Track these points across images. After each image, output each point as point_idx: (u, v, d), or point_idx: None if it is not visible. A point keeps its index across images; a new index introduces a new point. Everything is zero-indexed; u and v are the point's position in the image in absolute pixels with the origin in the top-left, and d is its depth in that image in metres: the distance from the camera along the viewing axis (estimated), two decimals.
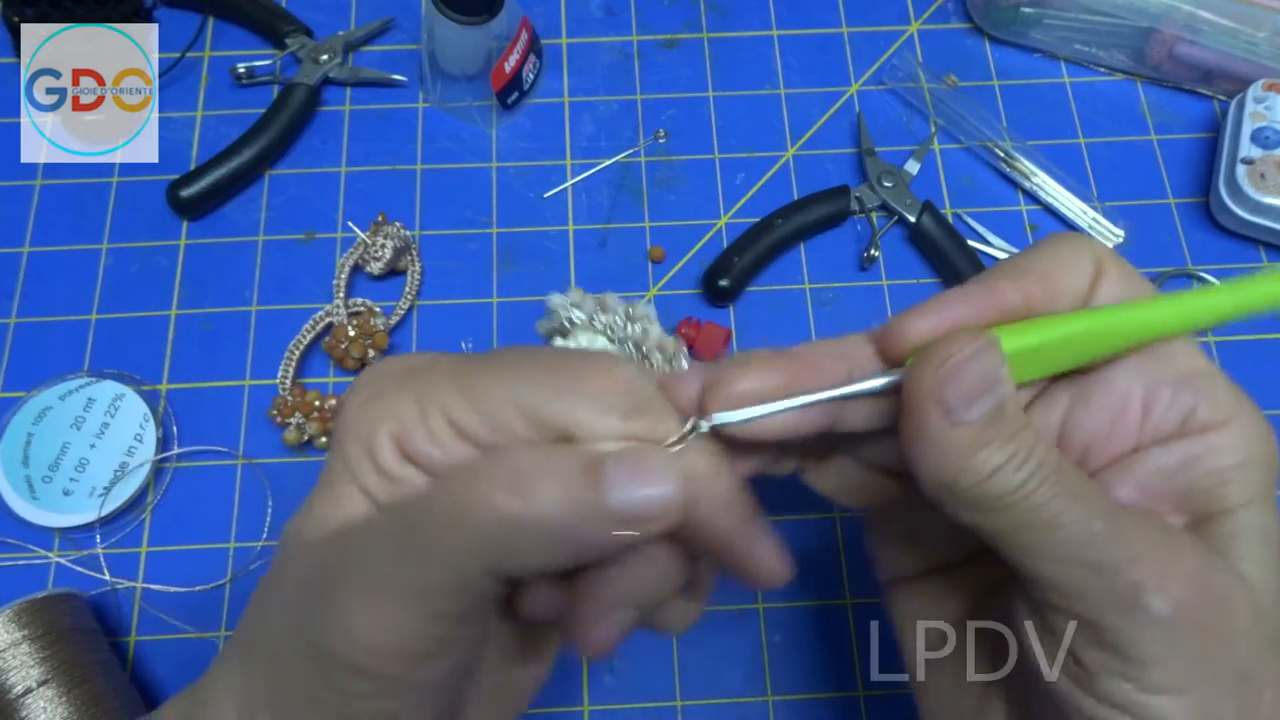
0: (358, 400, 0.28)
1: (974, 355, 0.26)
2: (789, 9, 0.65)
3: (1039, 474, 0.26)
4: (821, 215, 0.57)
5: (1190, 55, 0.60)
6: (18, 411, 0.51)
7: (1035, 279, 0.28)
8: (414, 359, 0.28)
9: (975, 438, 0.25)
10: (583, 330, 0.46)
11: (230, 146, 0.58)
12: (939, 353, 0.26)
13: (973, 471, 0.26)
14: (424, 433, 0.26)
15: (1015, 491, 0.25)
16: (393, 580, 0.25)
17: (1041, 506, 0.25)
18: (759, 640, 0.49)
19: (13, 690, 0.42)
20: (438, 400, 0.26)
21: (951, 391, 0.25)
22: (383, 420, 0.27)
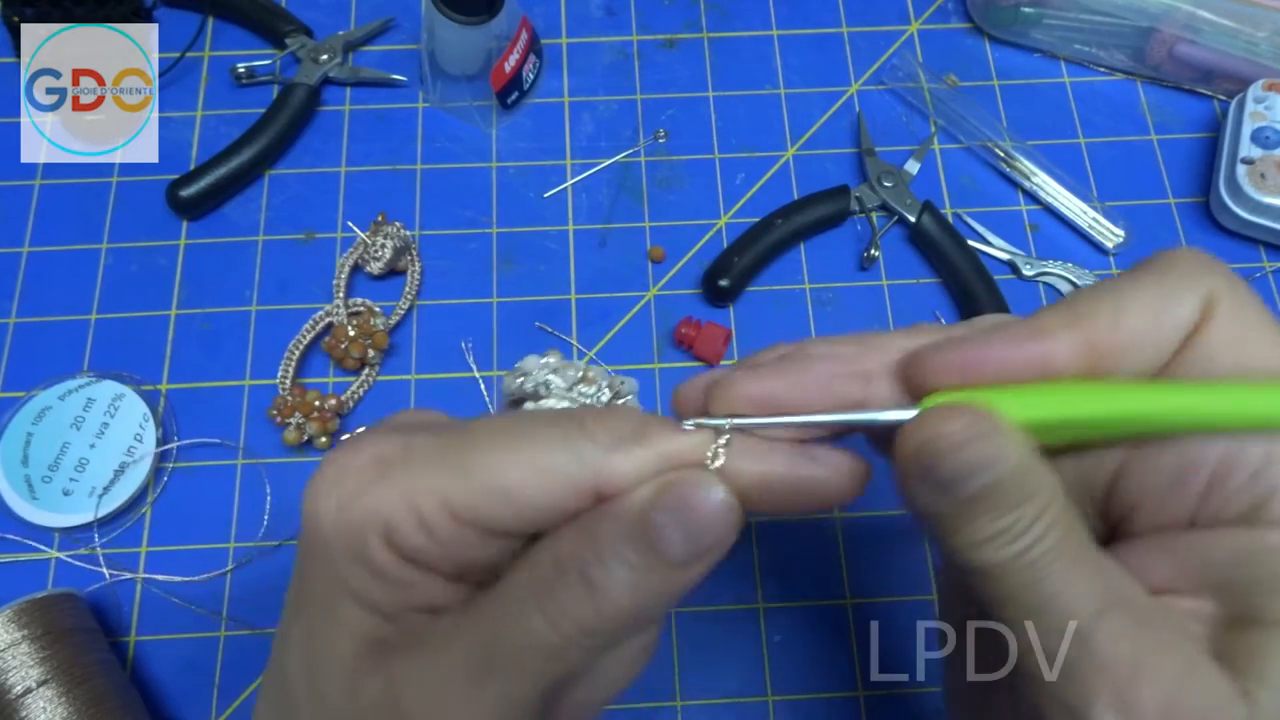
0: (329, 506, 0.24)
1: (964, 441, 0.23)
2: (789, 9, 0.65)
3: (1034, 551, 0.23)
4: (821, 215, 0.57)
5: (1190, 55, 0.60)
6: (18, 411, 0.51)
7: (1105, 326, 0.24)
8: (381, 444, 0.25)
9: (964, 510, 0.24)
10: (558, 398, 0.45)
11: (230, 146, 0.58)
12: (926, 429, 0.24)
13: (959, 536, 0.24)
14: (416, 526, 0.24)
15: (1003, 565, 0.24)
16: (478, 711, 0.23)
17: (1028, 587, 0.24)
18: (759, 640, 0.49)
19: (12, 690, 0.42)
20: (429, 487, 0.24)
21: (935, 474, 0.23)
22: (369, 522, 0.24)
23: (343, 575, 0.24)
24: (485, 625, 0.24)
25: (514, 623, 0.23)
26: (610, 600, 0.23)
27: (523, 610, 0.23)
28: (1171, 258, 0.26)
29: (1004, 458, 0.23)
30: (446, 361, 0.54)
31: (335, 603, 0.25)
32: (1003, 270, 0.57)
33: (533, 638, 0.23)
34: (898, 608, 0.49)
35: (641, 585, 0.23)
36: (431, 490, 0.24)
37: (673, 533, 0.23)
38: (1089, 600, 0.23)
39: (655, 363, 0.55)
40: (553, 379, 0.42)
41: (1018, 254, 0.57)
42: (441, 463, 0.24)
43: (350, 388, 0.53)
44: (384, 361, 0.54)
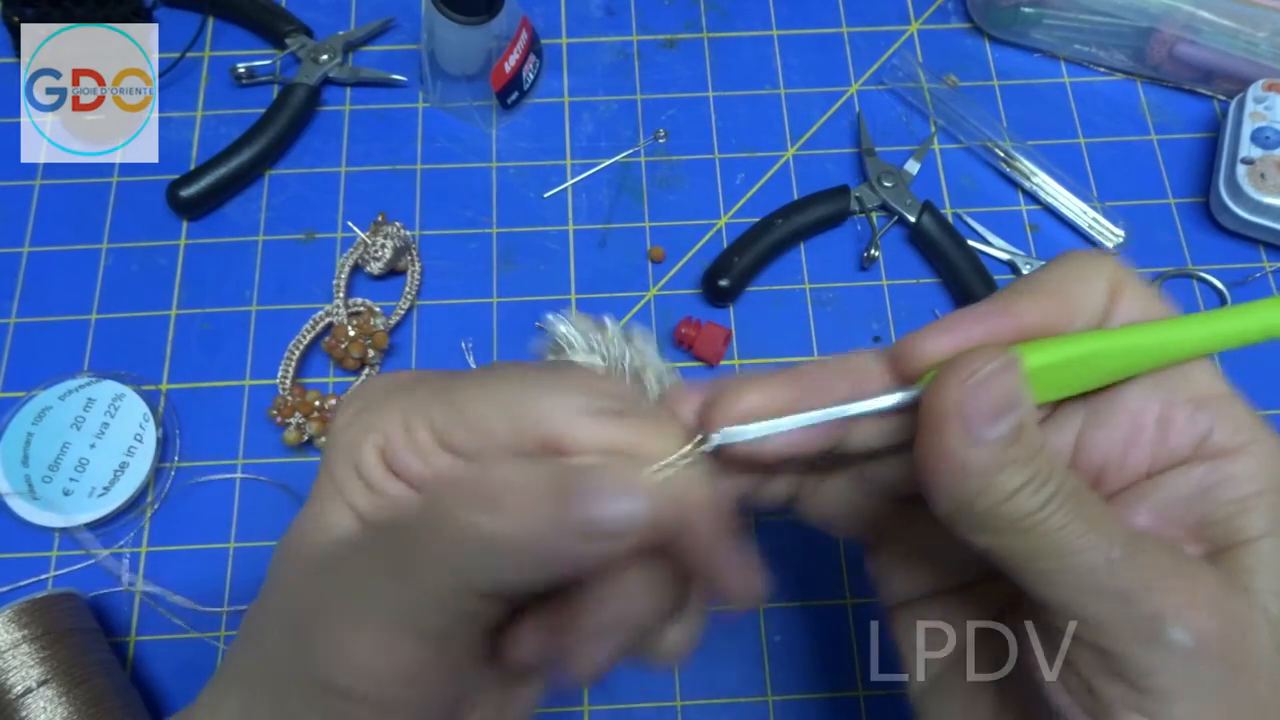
0: (344, 417, 0.27)
1: (997, 372, 0.25)
2: (789, 9, 0.65)
3: (1058, 497, 0.25)
4: (821, 215, 0.57)
5: (1190, 55, 0.60)
6: (18, 411, 0.51)
7: (1052, 297, 0.28)
8: (401, 375, 0.28)
9: (996, 457, 0.25)
10: (579, 352, 0.46)
11: (230, 146, 0.58)
12: (962, 368, 0.25)
13: (992, 492, 0.25)
14: (408, 445, 0.26)
15: (1034, 514, 0.25)
16: (378, 602, 0.24)
17: (1060, 531, 0.25)
18: (759, 640, 0.49)
19: (13, 690, 0.42)
20: (422, 412, 0.26)
21: (974, 408, 0.25)
22: (368, 434, 0.27)
23: (338, 478, 0.27)
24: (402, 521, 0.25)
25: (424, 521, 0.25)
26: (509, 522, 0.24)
27: (434, 505, 0.25)
28: (1072, 255, 0.30)
29: (1027, 394, 0.25)
30: (446, 361, 0.54)
31: (326, 501, 0.27)
32: (1003, 270, 0.57)
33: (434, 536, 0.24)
34: None
35: (541, 527, 0.24)
36: (423, 413, 0.26)
37: (587, 495, 0.24)
38: (1119, 534, 0.25)
39: None
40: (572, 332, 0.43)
41: (1018, 254, 0.57)
42: (438, 392, 0.27)
43: (350, 388, 0.53)
44: (384, 361, 0.54)
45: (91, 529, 0.49)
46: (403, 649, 0.25)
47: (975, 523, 0.26)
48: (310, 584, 0.26)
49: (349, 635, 0.24)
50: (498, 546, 0.24)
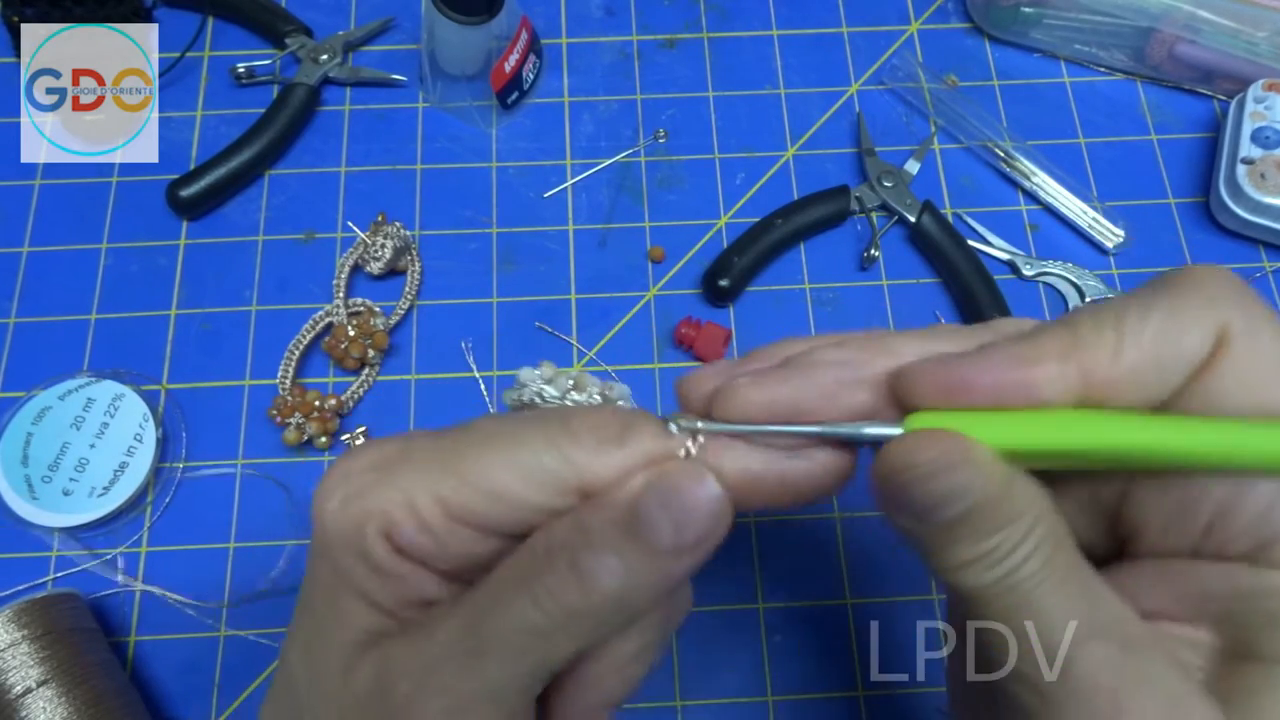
0: (331, 504, 0.25)
1: (937, 470, 0.23)
2: (789, 9, 0.65)
3: (1015, 575, 0.23)
4: (821, 215, 0.57)
5: (1190, 55, 0.60)
6: (18, 411, 0.51)
7: (1104, 356, 0.23)
8: (385, 447, 0.26)
9: (938, 537, 0.23)
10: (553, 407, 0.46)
11: (230, 146, 0.58)
12: (900, 456, 0.23)
13: (940, 560, 0.24)
14: (414, 523, 0.25)
15: (983, 590, 0.23)
16: (469, 693, 0.24)
17: (1008, 611, 0.23)
18: (759, 640, 0.49)
19: (12, 690, 0.42)
20: (426, 488, 0.25)
21: (909, 501, 0.23)
22: (369, 519, 0.25)
23: (344, 570, 0.25)
24: (474, 610, 0.24)
25: (502, 606, 0.24)
26: (597, 585, 0.23)
27: (511, 594, 0.24)
28: (1188, 279, 0.24)
29: (976, 487, 0.23)
30: (446, 361, 0.54)
31: (337, 596, 0.26)
32: (1003, 270, 0.57)
33: (519, 620, 0.23)
34: (898, 608, 0.49)
35: (629, 572, 0.23)
36: (427, 489, 0.25)
37: (661, 520, 0.23)
38: (1073, 628, 0.23)
39: (655, 363, 0.55)
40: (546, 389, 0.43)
41: (1018, 254, 0.57)
42: (437, 463, 0.25)
43: (350, 388, 0.53)
44: (384, 361, 0.54)
45: (91, 529, 0.49)
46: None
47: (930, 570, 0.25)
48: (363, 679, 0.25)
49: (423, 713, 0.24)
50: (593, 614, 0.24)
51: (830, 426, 0.25)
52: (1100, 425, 0.23)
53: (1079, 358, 0.23)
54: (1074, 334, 0.23)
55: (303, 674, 0.27)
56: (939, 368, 0.24)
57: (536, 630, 0.23)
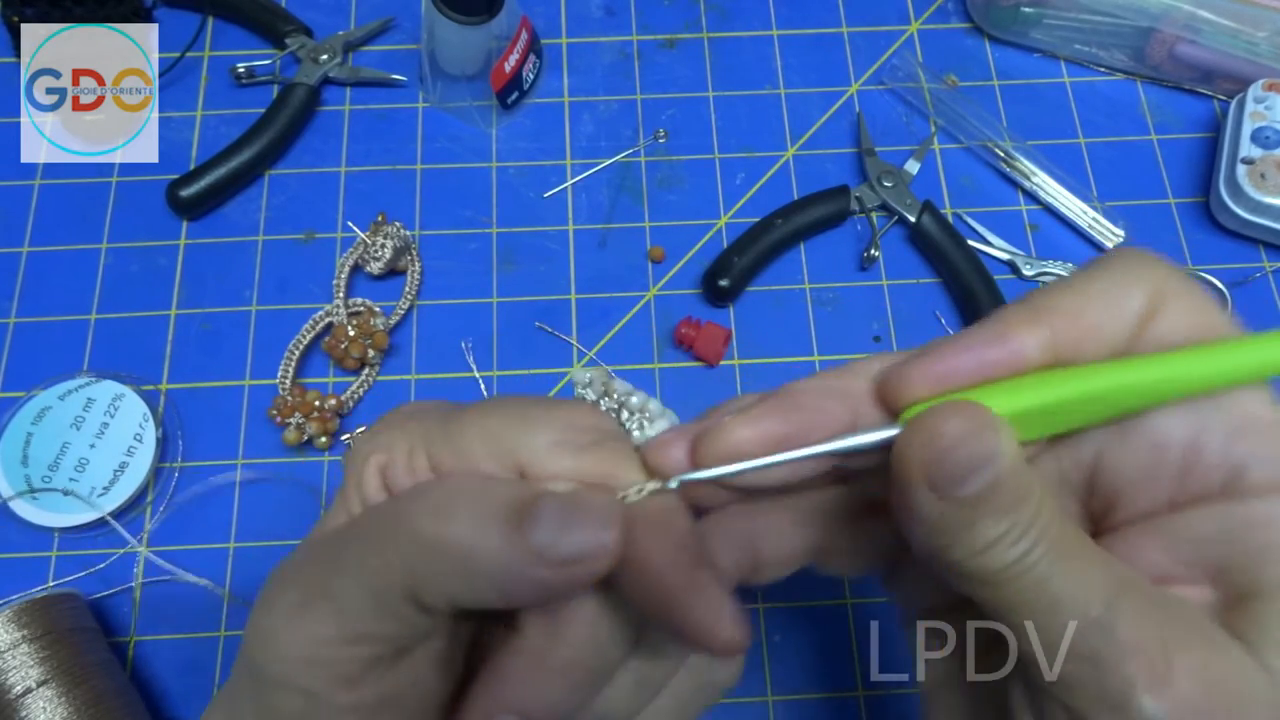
0: (364, 436, 0.29)
1: (966, 432, 0.23)
2: (789, 9, 0.65)
3: (1037, 549, 0.23)
4: (821, 215, 0.57)
5: (1190, 55, 0.60)
6: (17, 411, 0.51)
7: (1066, 318, 0.25)
8: (424, 403, 0.30)
9: (967, 514, 0.23)
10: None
11: (230, 146, 0.58)
12: (925, 430, 0.24)
13: (963, 546, 0.24)
14: (404, 465, 0.27)
15: (1010, 567, 0.23)
16: (315, 593, 0.24)
17: (1038, 585, 0.23)
18: (759, 640, 0.49)
19: (12, 690, 0.42)
20: (424, 437, 0.27)
21: (937, 473, 0.23)
22: (374, 453, 0.28)
23: (344, 489, 0.28)
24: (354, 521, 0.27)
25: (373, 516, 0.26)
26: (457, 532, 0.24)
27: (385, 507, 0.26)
28: (1117, 255, 0.26)
29: (1003, 451, 0.23)
30: (446, 361, 0.54)
31: (336, 507, 0.28)
32: (1003, 270, 0.57)
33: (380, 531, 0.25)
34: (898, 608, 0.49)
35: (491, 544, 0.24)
36: (424, 443, 0.27)
37: (548, 519, 0.24)
38: (1101, 590, 0.23)
39: (655, 363, 0.55)
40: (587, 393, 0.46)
41: (1018, 254, 0.57)
42: (440, 421, 0.28)
43: (350, 388, 0.53)
44: (384, 361, 0.54)
45: (91, 529, 0.49)
46: (341, 647, 0.24)
47: (950, 572, 0.25)
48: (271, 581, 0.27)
49: (283, 624, 0.25)
50: (445, 553, 0.24)
51: (827, 445, 0.25)
52: (1079, 375, 0.25)
53: (1046, 320, 0.25)
54: (1035, 306, 0.25)
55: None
56: (924, 359, 0.25)
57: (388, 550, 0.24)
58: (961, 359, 0.25)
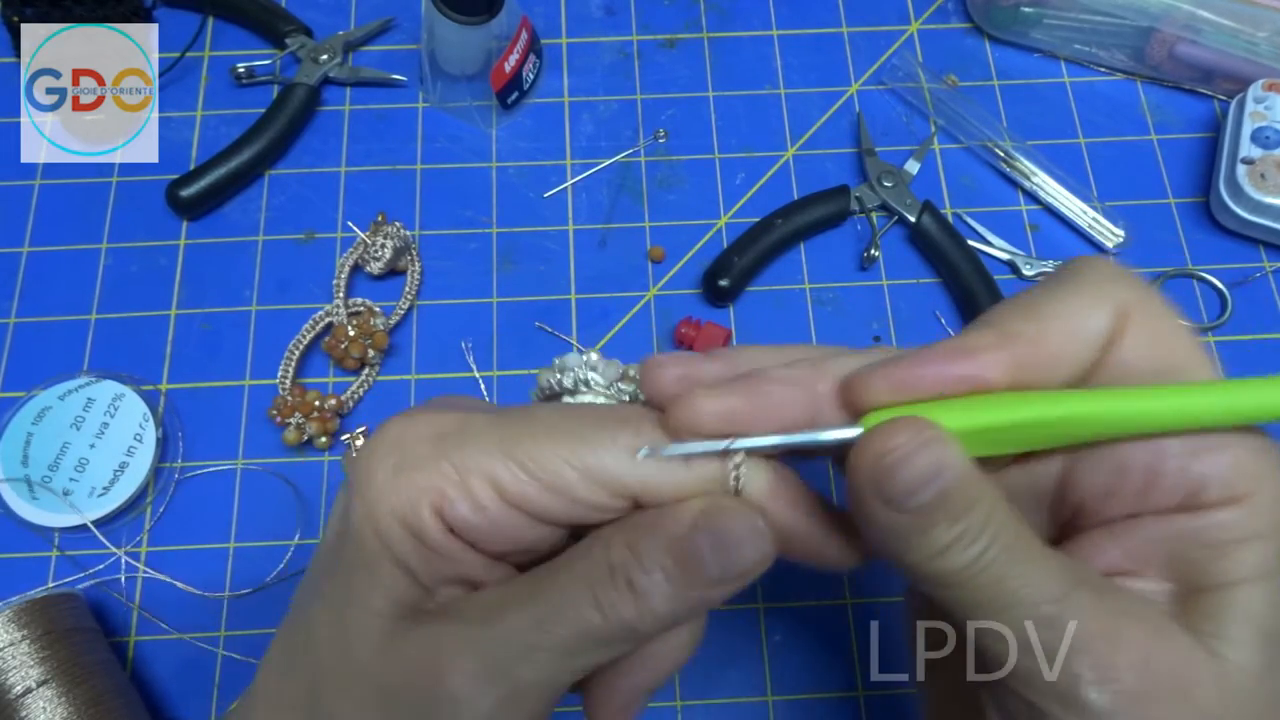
0: (385, 470, 0.26)
1: (911, 453, 0.24)
2: (789, 9, 0.65)
3: (990, 551, 0.24)
4: (821, 215, 0.57)
5: (1190, 55, 0.60)
6: (17, 411, 0.51)
7: (1027, 344, 0.26)
8: (441, 420, 0.27)
9: (919, 522, 0.24)
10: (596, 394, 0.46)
11: (230, 146, 0.58)
12: (874, 447, 0.25)
13: (918, 550, 0.25)
14: (468, 502, 0.26)
15: (964, 569, 0.25)
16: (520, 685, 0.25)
17: (992, 585, 0.25)
18: (759, 640, 0.49)
19: (12, 690, 0.42)
20: (483, 467, 0.26)
21: (887, 488, 0.24)
22: (423, 493, 0.25)
23: (389, 539, 0.26)
24: (538, 606, 0.25)
25: (568, 610, 0.25)
26: (650, 605, 0.25)
27: (576, 598, 0.25)
28: (1083, 269, 0.27)
29: (950, 464, 0.24)
30: (446, 361, 0.54)
31: (377, 564, 0.26)
32: (1003, 270, 0.57)
33: (582, 625, 0.25)
34: (898, 608, 0.49)
35: (677, 596, 0.25)
36: (485, 471, 0.25)
37: (710, 555, 0.25)
38: (1052, 587, 0.25)
39: None
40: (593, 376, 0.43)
41: (1018, 254, 0.57)
42: (497, 445, 0.26)
43: (350, 388, 0.53)
44: (384, 361, 0.54)
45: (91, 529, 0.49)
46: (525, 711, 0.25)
47: (909, 573, 0.26)
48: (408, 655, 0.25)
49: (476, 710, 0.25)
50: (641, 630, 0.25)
51: (791, 436, 0.26)
52: (1033, 401, 0.25)
53: (1009, 345, 0.26)
54: (999, 328, 0.26)
55: (329, 639, 0.27)
56: (887, 368, 0.26)
57: (596, 636, 0.25)
58: (923, 371, 0.26)
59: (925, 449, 0.24)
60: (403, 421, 0.27)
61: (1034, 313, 0.26)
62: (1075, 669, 0.24)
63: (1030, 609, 0.24)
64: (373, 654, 0.26)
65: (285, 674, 0.28)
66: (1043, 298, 0.27)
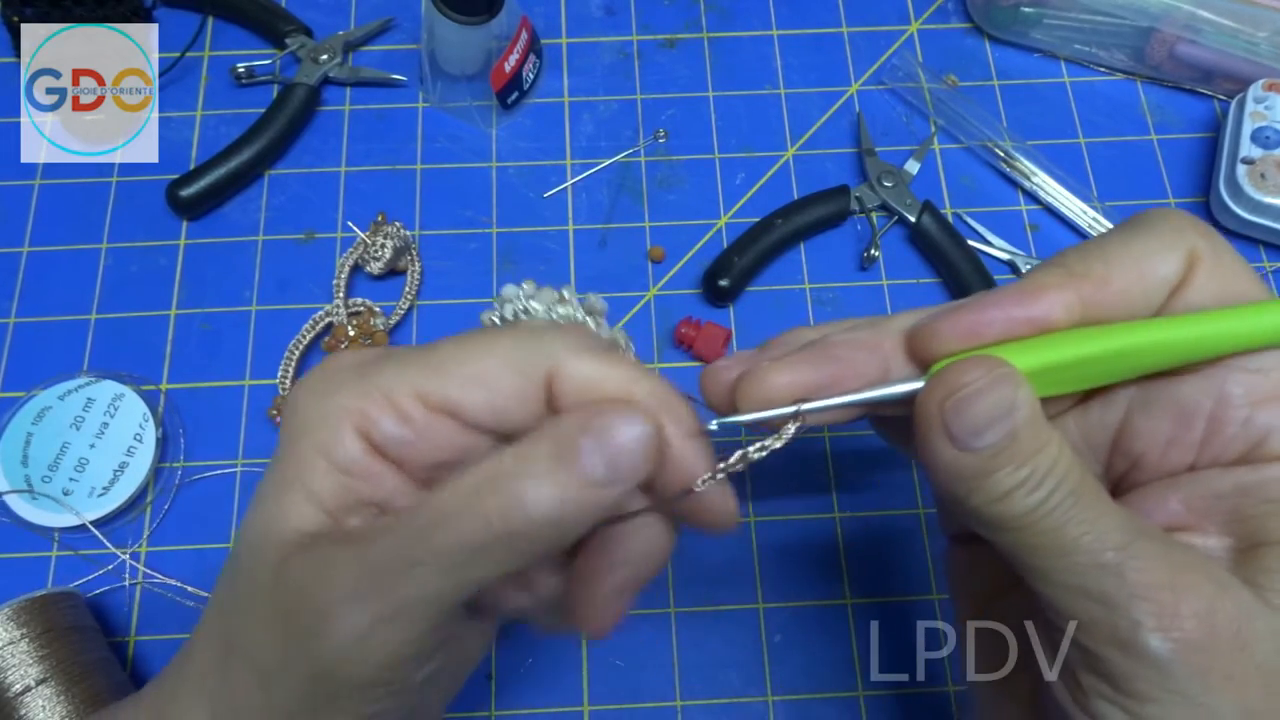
0: (307, 400, 0.27)
1: (983, 390, 0.25)
2: (789, 9, 0.65)
3: (1054, 497, 0.25)
4: (821, 215, 0.57)
5: (1190, 55, 0.60)
6: (17, 411, 0.51)
7: (1094, 283, 0.26)
8: (364, 353, 0.28)
9: (985, 464, 0.25)
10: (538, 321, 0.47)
11: (230, 146, 0.58)
12: (946, 384, 0.25)
13: (983, 493, 0.25)
14: (393, 415, 0.26)
15: (1028, 514, 0.25)
16: (398, 601, 0.25)
17: (1054, 531, 0.25)
18: (759, 640, 0.49)
19: (11, 689, 0.42)
20: (406, 382, 0.26)
21: (956, 425, 0.25)
22: (345, 413, 0.26)
23: (303, 461, 0.26)
24: (415, 522, 0.25)
25: (445, 521, 0.25)
26: (534, 508, 0.24)
27: (453, 511, 0.25)
28: (1154, 217, 0.27)
29: (1022, 402, 0.25)
30: None
31: (289, 489, 0.27)
32: (1003, 270, 0.57)
33: (458, 536, 0.24)
34: (898, 608, 0.49)
35: (563, 500, 0.25)
36: (407, 383, 0.26)
37: (594, 456, 0.25)
38: (1115, 534, 0.25)
39: (655, 363, 0.55)
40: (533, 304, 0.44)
41: (1018, 254, 0.57)
42: (417, 362, 0.27)
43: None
44: None
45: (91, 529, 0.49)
46: (420, 637, 0.25)
47: (970, 516, 0.26)
48: (302, 579, 0.26)
49: (371, 636, 0.24)
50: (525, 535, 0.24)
51: (860, 394, 0.27)
52: (1102, 334, 0.26)
53: (1075, 285, 0.26)
54: (1067, 269, 0.26)
55: (245, 564, 0.27)
56: (953, 314, 0.26)
57: (474, 546, 0.24)
58: (989, 314, 0.26)
59: (997, 386, 0.24)
60: (330, 357, 0.28)
61: (1103, 254, 0.26)
62: (1136, 615, 0.24)
63: (1093, 555, 0.24)
64: (270, 578, 0.26)
65: (218, 607, 0.29)
66: (1114, 241, 0.27)
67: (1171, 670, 0.24)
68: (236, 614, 0.28)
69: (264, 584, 0.26)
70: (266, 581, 0.26)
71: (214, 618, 0.29)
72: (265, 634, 0.26)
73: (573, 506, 0.25)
